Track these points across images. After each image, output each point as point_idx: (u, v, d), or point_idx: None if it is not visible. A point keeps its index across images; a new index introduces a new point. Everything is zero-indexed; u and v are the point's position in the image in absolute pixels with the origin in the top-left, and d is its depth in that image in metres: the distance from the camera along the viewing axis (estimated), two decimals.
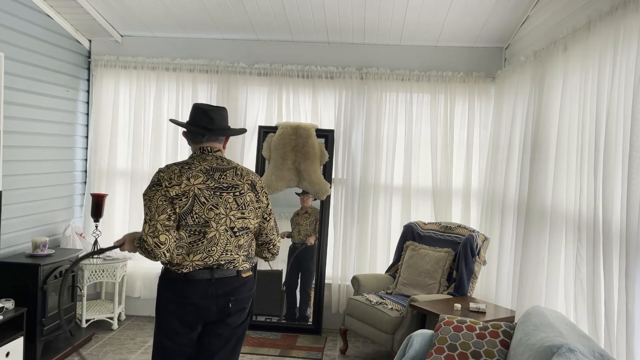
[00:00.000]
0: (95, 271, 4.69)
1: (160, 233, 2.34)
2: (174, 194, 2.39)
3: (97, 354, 4.31)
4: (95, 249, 2.70)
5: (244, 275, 2.53)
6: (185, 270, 2.42)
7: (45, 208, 4.63)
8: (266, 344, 4.64)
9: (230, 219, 2.47)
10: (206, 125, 2.53)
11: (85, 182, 5.26)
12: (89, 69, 5.25)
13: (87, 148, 5.26)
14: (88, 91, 5.27)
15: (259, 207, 2.57)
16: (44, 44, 4.50)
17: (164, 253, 2.35)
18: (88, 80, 5.26)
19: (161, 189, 2.40)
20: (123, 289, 5.06)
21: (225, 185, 2.48)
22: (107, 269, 4.73)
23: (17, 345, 3.67)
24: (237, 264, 2.50)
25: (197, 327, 2.51)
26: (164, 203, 2.38)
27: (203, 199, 2.43)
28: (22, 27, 4.20)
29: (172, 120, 2.73)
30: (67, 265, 4.28)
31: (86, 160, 5.26)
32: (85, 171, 5.26)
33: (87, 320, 4.71)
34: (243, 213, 2.50)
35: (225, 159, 2.58)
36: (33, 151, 4.42)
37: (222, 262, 2.46)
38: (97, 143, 5.21)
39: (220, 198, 2.46)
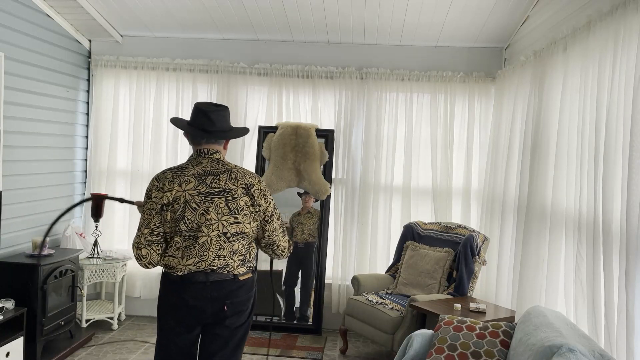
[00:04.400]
0: (95, 271, 4.69)
1: (142, 247, 2.42)
2: (166, 201, 2.40)
3: (97, 354, 4.31)
4: (118, 198, 2.84)
5: (240, 278, 2.50)
6: (180, 273, 2.43)
7: (45, 208, 4.63)
8: (266, 344, 4.64)
9: (223, 224, 2.42)
10: (206, 127, 2.49)
11: (85, 182, 5.26)
12: (89, 69, 5.25)
13: (87, 148, 5.26)
14: (88, 91, 5.27)
15: (257, 211, 2.50)
16: (44, 44, 4.50)
17: (145, 265, 2.44)
18: (88, 80, 5.26)
19: (150, 201, 2.43)
20: (123, 289, 5.07)
21: (217, 190, 2.44)
22: (107, 269, 4.73)
23: (17, 345, 3.68)
24: (232, 269, 2.46)
25: (195, 328, 2.51)
26: (149, 216, 2.42)
27: (194, 205, 2.41)
28: (22, 27, 4.20)
29: (172, 121, 2.68)
30: (68, 265, 4.29)
31: (86, 160, 5.26)
32: (85, 171, 5.26)
33: (87, 320, 4.71)
34: (236, 218, 2.44)
35: (221, 162, 2.53)
36: (33, 151, 4.42)
37: (215, 267, 2.43)
38: (97, 143, 5.21)
39: (212, 203, 2.42)
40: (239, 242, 2.47)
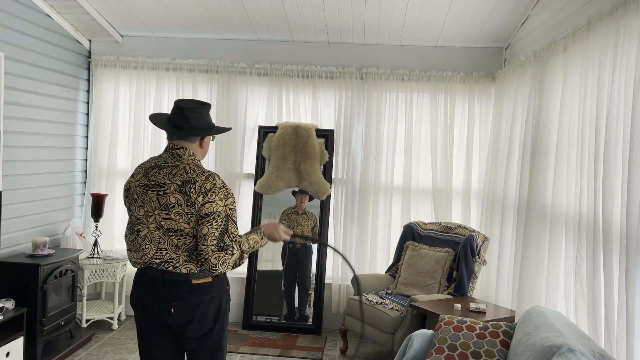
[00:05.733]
0: (95, 271, 4.69)
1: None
2: (124, 190, 2.52)
3: (97, 354, 4.31)
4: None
5: (194, 281, 2.37)
6: (137, 267, 2.47)
7: (45, 208, 4.63)
8: (266, 344, 4.64)
9: (156, 217, 2.35)
10: (178, 123, 2.43)
11: (85, 182, 5.26)
12: (89, 69, 5.25)
13: (87, 148, 5.26)
14: (88, 91, 5.27)
15: (193, 212, 2.30)
16: (44, 44, 4.50)
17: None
18: (88, 80, 5.26)
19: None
20: (123, 289, 5.06)
21: (152, 183, 2.38)
22: (107, 269, 4.73)
23: (17, 345, 3.67)
24: (178, 265, 2.35)
25: (152, 328, 2.46)
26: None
27: (135, 196, 2.43)
28: (22, 27, 4.20)
29: (150, 118, 2.56)
30: (68, 265, 4.29)
31: (86, 160, 5.26)
32: (86, 171, 5.26)
33: (87, 320, 4.71)
34: (168, 214, 2.33)
35: (179, 157, 2.40)
36: (33, 151, 4.42)
37: (157, 261, 2.36)
38: (97, 143, 5.21)
39: (146, 196, 2.38)
40: (179, 239, 2.34)
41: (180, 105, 2.45)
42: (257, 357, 4.38)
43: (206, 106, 2.50)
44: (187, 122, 2.41)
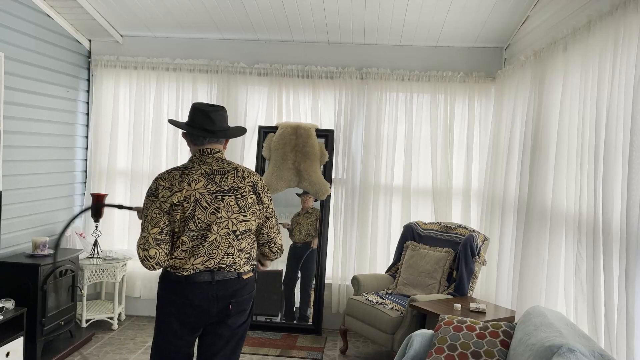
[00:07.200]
0: (95, 271, 4.69)
1: (150, 247, 2.36)
2: (176, 200, 2.39)
3: (97, 354, 4.31)
4: (117, 205, 2.82)
5: (244, 277, 2.52)
6: (185, 273, 2.42)
7: (45, 208, 4.63)
8: (266, 344, 4.64)
9: (232, 222, 2.46)
10: (207, 127, 2.50)
11: (85, 182, 5.26)
12: (89, 69, 5.25)
13: (87, 148, 5.26)
14: (88, 91, 5.27)
15: (261, 209, 2.56)
16: (44, 44, 4.50)
17: (152, 266, 2.38)
18: (88, 80, 5.26)
19: (157, 200, 2.40)
20: (123, 289, 5.06)
21: (226, 188, 2.47)
22: (107, 269, 4.73)
23: (17, 345, 3.67)
24: (238, 267, 2.50)
25: (198, 329, 2.51)
26: (159, 215, 2.38)
27: (205, 204, 2.42)
28: (22, 27, 4.20)
29: (170, 122, 2.68)
30: (68, 265, 4.29)
31: (86, 160, 5.26)
32: (85, 171, 5.26)
33: (87, 320, 4.71)
34: (245, 215, 2.49)
35: (225, 161, 2.56)
36: (33, 151, 4.42)
37: (223, 265, 2.46)
38: (97, 143, 5.21)
39: (222, 201, 2.45)
40: (246, 240, 2.52)
41: (204, 109, 2.52)
42: (257, 357, 4.38)
43: (224, 108, 2.61)
44: (214, 125, 2.51)
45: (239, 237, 2.48)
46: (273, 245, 2.65)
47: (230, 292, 2.48)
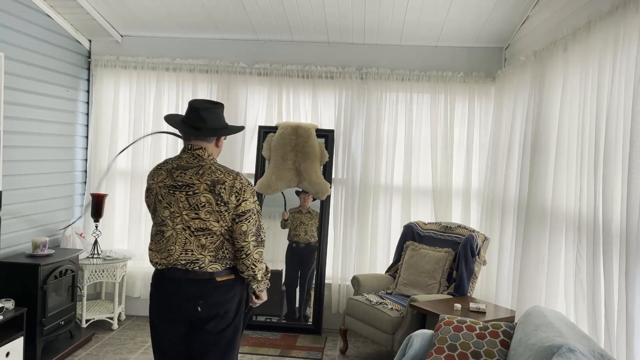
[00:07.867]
0: (95, 271, 4.69)
1: (150, 244, 2.54)
2: (146, 194, 2.52)
3: (97, 354, 4.31)
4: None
5: (218, 279, 2.43)
6: (160, 267, 2.47)
7: (45, 208, 4.63)
8: (266, 344, 4.64)
9: (184, 218, 2.40)
10: (195, 124, 2.47)
11: (85, 182, 5.26)
12: (89, 69, 5.25)
13: (87, 148, 5.26)
14: (88, 91, 5.26)
15: (223, 210, 2.38)
16: (44, 44, 4.50)
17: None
18: (88, 80, 5.26)
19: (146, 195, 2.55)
20: (123, 289, 5.06)
21: (180, 183, 2.41)
22: (107, 269, 4.73)
23: (17, 345, 3.67)
24: (204, 265, 2.40)
25: (178, 325, 2.47)
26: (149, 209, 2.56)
27: (160, 197, 2.45)
28: (22, 27, 4.20)
29: (166, 119, 2.65)
30: (68, 265, 4.29)
31: (86, 160, 5.26)
32: (85, 171, 5.26)
33: (87, 320, 4.71)
34: (197, 214, 2.38)
35: (201, 157, 2.46)
36: (33, 151, 4.42)
37: (183, 262, 2.40)
38: (97, 143, 5.21)
39: (173, 196, 2.41)
40: (206, 238, 2.40)
41: (196, 106, 2.49)
42: (257, 357, 4.38)
43: (220, 106, 2.55)
44: (204, 123, 2.47)
45: (196, 233, 2.39)
46: (245, 257, 2.41)
47: (198, 292, 2.41)
